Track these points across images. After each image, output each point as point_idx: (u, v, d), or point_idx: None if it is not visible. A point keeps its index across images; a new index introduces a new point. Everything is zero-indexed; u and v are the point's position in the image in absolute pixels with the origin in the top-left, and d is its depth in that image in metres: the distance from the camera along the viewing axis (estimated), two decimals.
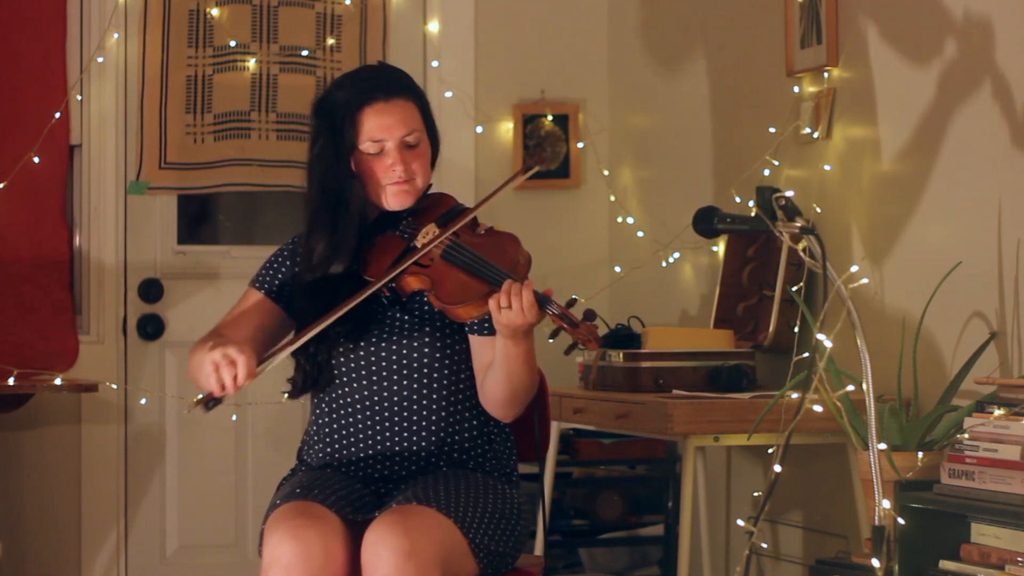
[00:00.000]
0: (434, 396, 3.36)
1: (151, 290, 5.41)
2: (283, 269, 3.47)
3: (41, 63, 5.25)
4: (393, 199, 3.39)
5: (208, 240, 5.61)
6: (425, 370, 3.35)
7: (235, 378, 3.14)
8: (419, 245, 3.33)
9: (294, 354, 3.34)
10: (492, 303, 3.15)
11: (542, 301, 3.15)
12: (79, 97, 5.29)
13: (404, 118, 3.37)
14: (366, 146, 3.36)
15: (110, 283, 5.35)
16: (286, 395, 3.43)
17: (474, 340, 3.37)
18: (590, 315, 3.13)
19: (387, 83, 3.40)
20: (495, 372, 3.29)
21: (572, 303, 3.16)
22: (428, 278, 3.28)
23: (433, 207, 3.42)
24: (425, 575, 3.06)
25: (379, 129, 3.36)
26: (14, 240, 5.21)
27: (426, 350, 3.36)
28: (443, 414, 3.36)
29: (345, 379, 3.38)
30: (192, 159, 5.39)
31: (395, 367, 3.35)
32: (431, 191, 3.46)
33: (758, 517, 3.90)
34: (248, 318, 3.44)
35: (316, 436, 3.43)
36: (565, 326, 3.13)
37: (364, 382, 3.36)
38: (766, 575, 4.96)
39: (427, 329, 3.37)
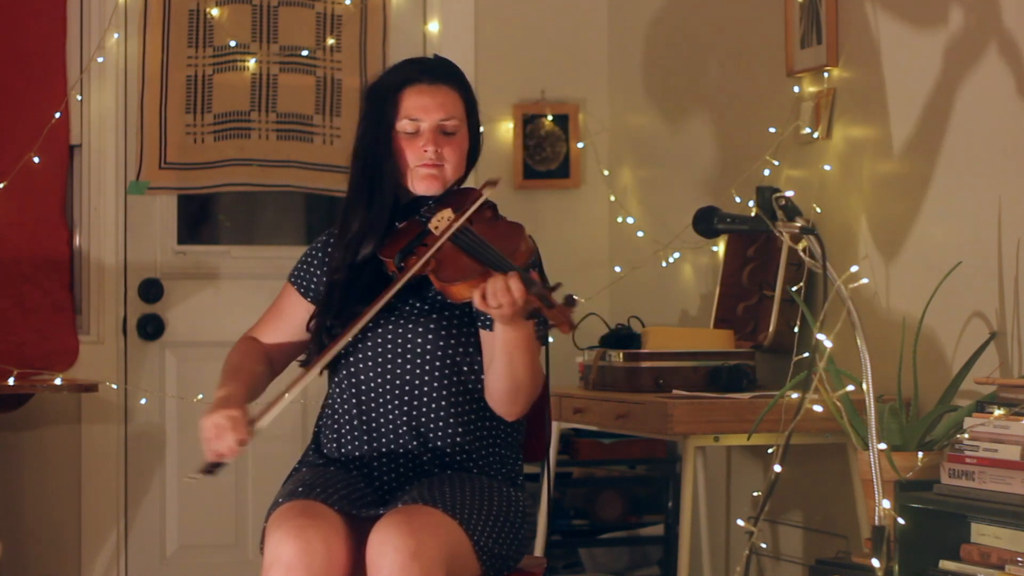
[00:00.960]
0: (437, 384, 3.34)
1: (151, 290, 5.41)
2: (315, 267, 3.47)
3: (41, 63, 5.24)
4: (420, 183, 3.38)
5: (208, 240, 5.60)
6: (428, 356, 3.34)
7: (229, 449, 3.20)
8: (432, 228, 3.33)
9: (314, 326, 3.37)
10: (477, 296, 3.13)
11: (527, 283, 3.13)
12: (79, 97, 5.28)
13: (444, 103, 3.37)
14: (402, 124, 3.36)
15: (110, 283, 5.34)
16: (299, 362, 3.45)
17: (484, 336, 3.36)
18: (570, 300, 3.11)
19: (434, 69, 3.41)
20: (496, 365, 3.28)
21: (555, 287, 3.15)
22: (435, 260, 3.28)
23: (458, 198, 3.40)
24: (430, 575, 3.06)
25: (416, 108, 3.36)
26: (14, 240, 5.21)
27: (430, 336, 3.34)
28: (447, 403, 3.34)
29: (351, 358, 3.38)
30: (192, 159, 5.38)
31: (399, 351, 3.34)
32: (463, 186, 3.45)
33: (758, 517, 3.89)
34: (284, 319, 3.49)
35: (331, 420, 3.43)
36: (542, 306, 3.12)
37: (370, 363, 3.36)
38: (766, 575, 4.96)
39: (434, 316, 3.36)
